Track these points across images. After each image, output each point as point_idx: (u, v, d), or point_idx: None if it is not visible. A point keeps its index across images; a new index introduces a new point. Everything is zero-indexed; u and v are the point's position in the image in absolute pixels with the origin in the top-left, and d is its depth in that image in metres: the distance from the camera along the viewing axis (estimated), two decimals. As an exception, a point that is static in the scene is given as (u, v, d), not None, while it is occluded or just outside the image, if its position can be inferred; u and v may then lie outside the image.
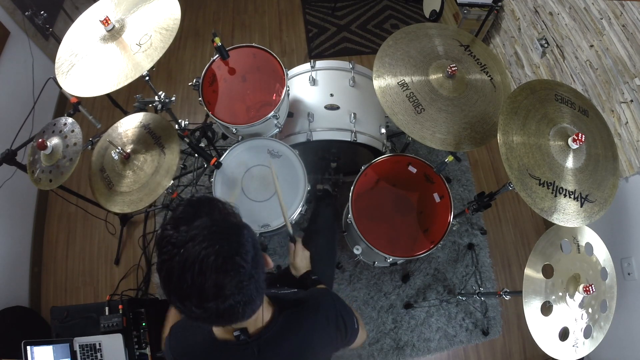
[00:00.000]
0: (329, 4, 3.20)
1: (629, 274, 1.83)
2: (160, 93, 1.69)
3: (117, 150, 1.48)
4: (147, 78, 1.48)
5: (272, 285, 1.23)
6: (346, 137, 1.74)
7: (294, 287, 1.10)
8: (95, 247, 2.33)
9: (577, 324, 1.36)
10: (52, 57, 1.73)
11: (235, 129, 1.61)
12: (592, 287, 1.30)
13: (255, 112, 1.66)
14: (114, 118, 1.68)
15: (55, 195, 2.33)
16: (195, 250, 0.62)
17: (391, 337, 2.11)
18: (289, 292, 1.02)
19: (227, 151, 1.65)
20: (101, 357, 1.56)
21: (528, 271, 1.35)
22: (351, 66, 1.91)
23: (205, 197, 0.73)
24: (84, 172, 1.60)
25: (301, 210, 1.56)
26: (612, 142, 1.41)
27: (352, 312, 1.00)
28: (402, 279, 2.22)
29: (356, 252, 1.75)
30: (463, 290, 2.20)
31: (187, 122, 1.81)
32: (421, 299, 2.19)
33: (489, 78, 1.61)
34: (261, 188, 1.58)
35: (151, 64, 1.35)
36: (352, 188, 1.63)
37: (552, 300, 1.34)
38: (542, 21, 2.31)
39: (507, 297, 1.65)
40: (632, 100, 1.80)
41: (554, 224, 1.29)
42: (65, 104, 2.65)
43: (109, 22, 1.41)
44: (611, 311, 1.43)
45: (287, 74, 1.68)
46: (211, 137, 2.31)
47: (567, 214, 1.26)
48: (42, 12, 1.90)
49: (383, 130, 1.86)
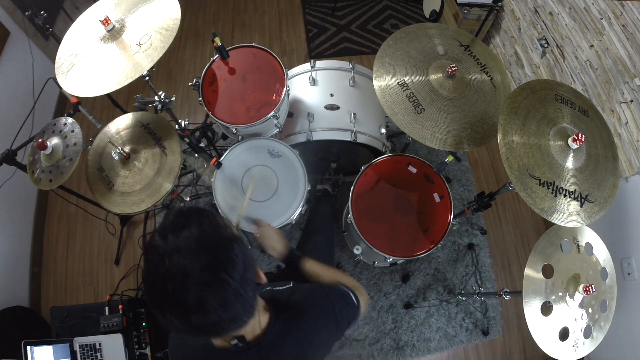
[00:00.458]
0: (329, 4, 3.20)
1: (629, 274, 1.83)
2: (160, 93, 1.69)
3: (117, 151, 1.48)
4: (147, 78, 1.48)
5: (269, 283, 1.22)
6: (346, 137, 1.74)
7: (288, 279, 1.08)
8: (95, 247, 2.33)
9: (577, 324, 1.36)
10: (52, 57, 1.73)
11: (235, 129, 1.61)
12: (592, 287, 1.30)
13: (255, 112, 1.66)
14: (114, 118, 1.68)
15: (55, 195, 2.33)
16: (180, 262, 0.60)
17: (391, 337, 2.11)
18: (284, 288, 1.00)
19: (227, 151, 1.65)
20: (101, 357, 1.56)
21: (528, 271, 1.35)
22: (351, 66, 1.91)
23: (197, 207, 0.71)
24: (84, 171, 1.60)
25: (301, 210, 1.56)
26: (612, 142, 1.41)
27: (348, 293, 0.96)
28: (402, 279, 2.21)
29: (356, 252, 1.75)
30: (463, 290, 2.20)
31: (187, 122, 1.81)
32: (421, 299, 2.19)
33: (489, 78, 1.61)
34: (261, 188, 1.58)
35: (151, 64, 1.35)
36: (352, 188, 1.63)
37: (552, 300, 1.34)
38: (542, 21, 2.31)
39: (507, 297, 1.65)
40: (632, 100, 1.80)
41: (554, 224, 1.29)
42: (65, 104, 2.65)
43: (109, 22, 1.41)
44: (611, 311, 1.43)
45: (287, 74, 1.68)
46: (211, 137, 2.31)
47: (567, 214, 1.26)
48: (42, 12, 1.90)
49: (383, 130, 1.86)
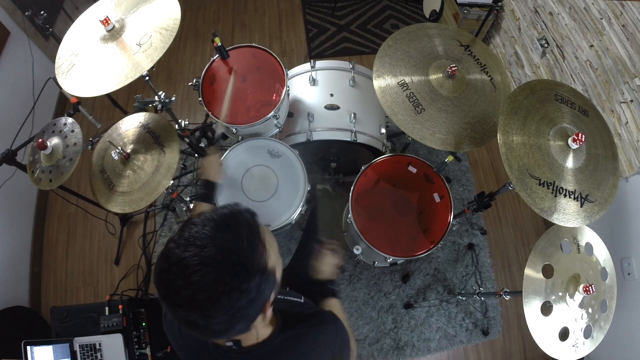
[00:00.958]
0: (329, 4, 3.20)
1: (629, 274, 1.83)
2: (160, 93, 1.69)
3: (117, 151, 1.48)
4: (147, 78, 1.48)
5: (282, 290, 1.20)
6: (346, 137, 1.74)
7: (301, 291, 1.05)
8: (95, 247, 2.33)
9: (577, 324, 1.36)
10: (52, 57, 1.73)
11: (235, 129, 1.61)
12: (592, 287, 1.30)
13: (255, 112, 1.65)
14: (114, 118, 1.69)
15: (55, 195, 2.34)
16: (196, 260, 0.59)
17: (391, 337, 2.11)
18: (295, 300, 0.98)
19: (227, 151, 1.65)
20: (101, 357, 1.56)
21: (528, 271, 1.35)
22: (351, 66, 1.91)
23: (251, 219, 0.67)
24: (84, 172, 1.61)
25: (301, 210, 1.56)
26: (612, 142, 1.41)
27: (350, 337, 0.97)
28: (402, 279, 2.22)
29: (356, 252, 1.75)
30: (463, 290, 2.20)
31: (187, 122, 1.82)
32: (421, 299, 2.19)
33: (489, 78, 1.61)
34: (261, 188, 1.58)
35: (151, 64, 1.35)
36: (352, 188, 1.63)
37: (552, 300, 1.34)
38: (542, 21, 2.31)
39: (507, 297, 1.65)
40: (632, 100, 1.80)
41: (554, 224, 1.29)
42: (65, 104, 2.65)
43: (109, 22, 1.41)
44: (611, 311, 1.43)
45: (287, 74, 1.68)
46: (211, 137, 2.31)
47: (567, 214, 1.26)
48: (42, 12, 1.90)
49: (383, 130, 1.86)
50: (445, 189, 1.63)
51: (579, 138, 1.24)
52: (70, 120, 1.53)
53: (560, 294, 1.36)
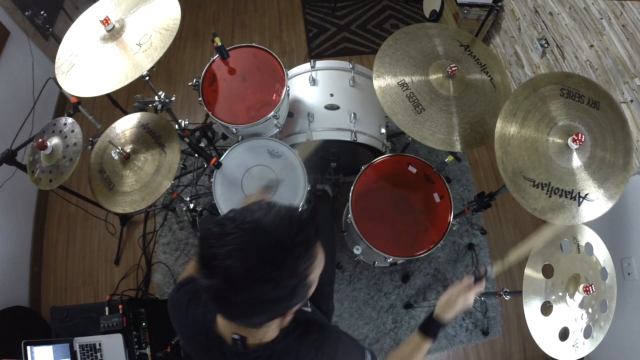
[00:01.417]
0: (329, 4, 3.20)
1: (629, 274, 1.83)
2: (160, 93, 1.69)
3: (117, 151, 1.48)
4: (147, 78, 1.48)
5: None
6: (346, 137, 1.74)
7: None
8: (95, 247, 2.33)
9: (577, 324, 1.36)
10: (52, 57, 1.73)
11: (235, 129, 1.61)
12: (592, 287, 1.30)
13: (255, 112, 1.65)
14: (114, 118, 1.68)
15: (55, 195, 2.34)
16: (235, 256, 0.60)
17: (391, 337, 2.11)
18: (306, 310, 0.98)
19: (227, 151, 1.65)
20: (101, 357, 1.56)
21: (528, 271, 1.35)
22: (351, 66, 1.91)
23: (295, 230, 0.64)
24: (84, 172, 1.60)
25: (301, 210, 1.56)
26: (626, 135, 1.34)
27: (364, 350, 0.96)
28: (402, 279, 2.21)
29: (356, 252, 1.75)
30: (463, 290, 2.20)
31: (187, 122, 1.81)
32: (421, 299, 2.19)
33: (489, 78, 1.61)
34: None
35: (151, 64, 1.35)
36: (352, 188, 1.63)
37: (552, 300, 1.34)
38: (542, 21, 2.31)
39: (507, 297, 1.64)
40: (632, 100, 1.80)
41: (554, 224, 1.29)
42: (65, 104, 2.65)
43: (109, 22, 1.41)
44: (611, 311, 1.43)
45: (287, 74, 1.68)
46: (211, 137, 2.31)
47: (564, 213, 1.26)
48: (42, 12, 1.90)
49: (383, 130, 1.86)
50: (445, 189, 1.63)
51: (579, 138, 1.24)
52: (70, 120, 1.53)
53: (560, 294, 1.36)
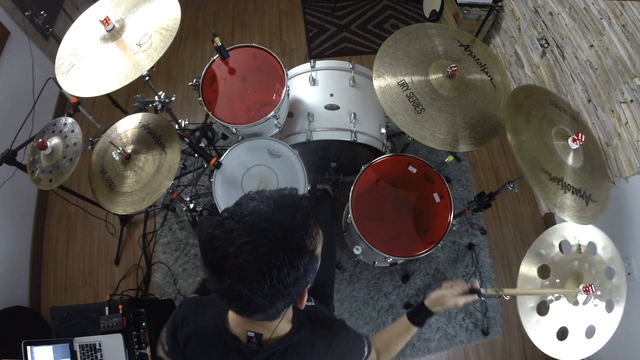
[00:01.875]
0: (329, 4, 3.20)
1: (629, 274, 1.83)
2: (160, 93, 1.69)
3: (118, 151, 1.48)
4: (147, 78, 1.48)
5: None
6: (346, 137, 1.74)
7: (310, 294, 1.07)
8: (95, 247, 2.33)
9: (577, 324, 1.36)
10: (52, 57, 1.73)
11: (235, 129, 1.61)
12: (592, 287, 1.30)
13: (255, 112, 1.66)
14: (114, 118, 1.69)
15: (55, 195, 2.34)
16: (246, 249, 0.61)
17: (391, 337, 2.11)
18: (310, 304, 0.99)
19: (227, 151, 1.65)
20: (101, 357, 1.56)
21: (523, 269, 1.35)
22: (351, 66, 1.91)
23: (292, 208, 0.65)
24: (84, 172, 1.60)
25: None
26: (598, 150, 1.42)
27: (362, 339, 1.00)
28: (402, 279, 2.21)
29: (356, 252, 1.75)
30: (463, 290, 2.20)
31: (187, 122, 1.82)
32: (421, 299, 2.18)
33: (489, 78, 1.61)
34: (260, 188, 1.58)
35: (151, 64, 1.35)
36: (352, 188, 1.63)
37: (549, 300, 1.34)
38: (542, 21, 2.31)
39: (507, 298, 1.64)
40: (632, 100, 1.80)
41: (554, 223, 1.28)
42: (65, 104, 2.65)
43: (109, 22, 1.41)
44: (619, 311, 1.42)
45: (287, 74, 1.68)
46: (211, 137, 2.31)
47: (578, 211, 1.25)
48: (42, 12, 1.90)
49: (383, 130, 1.86)
50: (445, 189, 1.63)
51: (579, 138, 1.24)
52: (70, 120, 1.53)
53: (558, 294, 1.35)
